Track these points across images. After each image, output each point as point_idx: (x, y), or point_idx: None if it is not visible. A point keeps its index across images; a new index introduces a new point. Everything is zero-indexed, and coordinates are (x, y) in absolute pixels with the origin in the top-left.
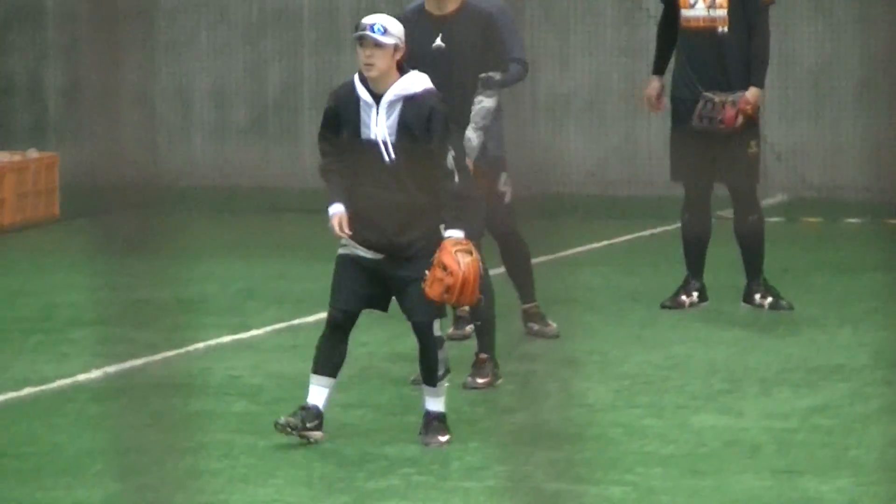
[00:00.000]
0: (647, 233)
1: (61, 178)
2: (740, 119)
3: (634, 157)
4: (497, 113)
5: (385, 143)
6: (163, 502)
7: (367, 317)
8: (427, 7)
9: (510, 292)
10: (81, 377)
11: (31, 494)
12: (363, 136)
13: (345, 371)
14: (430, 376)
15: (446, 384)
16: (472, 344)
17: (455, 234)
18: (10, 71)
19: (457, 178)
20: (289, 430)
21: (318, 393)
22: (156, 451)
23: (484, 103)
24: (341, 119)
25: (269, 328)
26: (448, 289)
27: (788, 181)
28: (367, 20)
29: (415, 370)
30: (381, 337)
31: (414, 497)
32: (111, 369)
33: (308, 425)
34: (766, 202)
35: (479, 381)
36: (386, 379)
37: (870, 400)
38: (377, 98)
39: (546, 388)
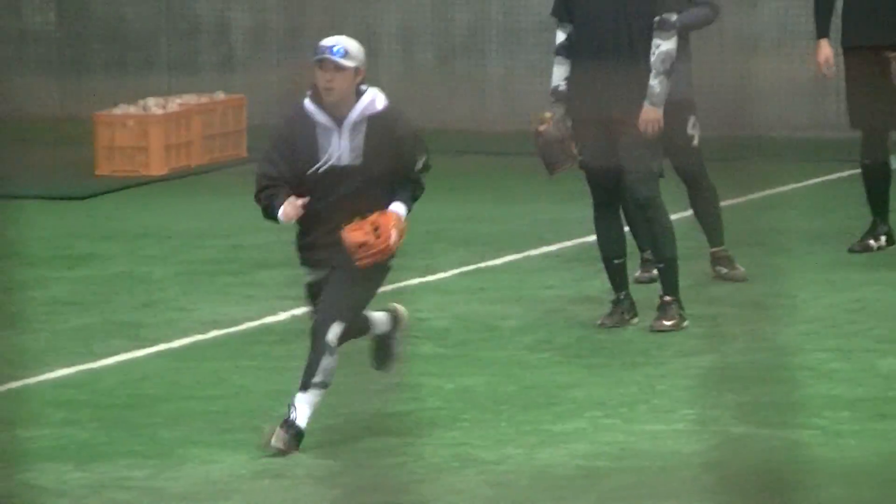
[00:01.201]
0: (834, 175)
1: (249, 120)
2: None
3: (823, 98)
4: (683, 55)
5: (350, 168)
6: (350, 443)
7: (553, 260)
8: None
9: (698, 235)
10: (268, 319)
11: (217, 436)
12: (322, 161)
13: (531, 313)
14: (305, 378)
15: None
16: (657, 287)
17: (402, 210)
18: (197, 12)
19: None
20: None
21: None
22: (343, 393)
23: (662, 47)
24: (296, 146)
25: (455, 270)
26: (365, 245)
27: None
28: (327, 42)
29: (601, 313)
30: (568, 279)
31: (601, 440)
32: (298, 311)
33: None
34: None
35: (666, 322)
36: (573, 321)
37: None
38: (338, 121)
39: (733, 331)
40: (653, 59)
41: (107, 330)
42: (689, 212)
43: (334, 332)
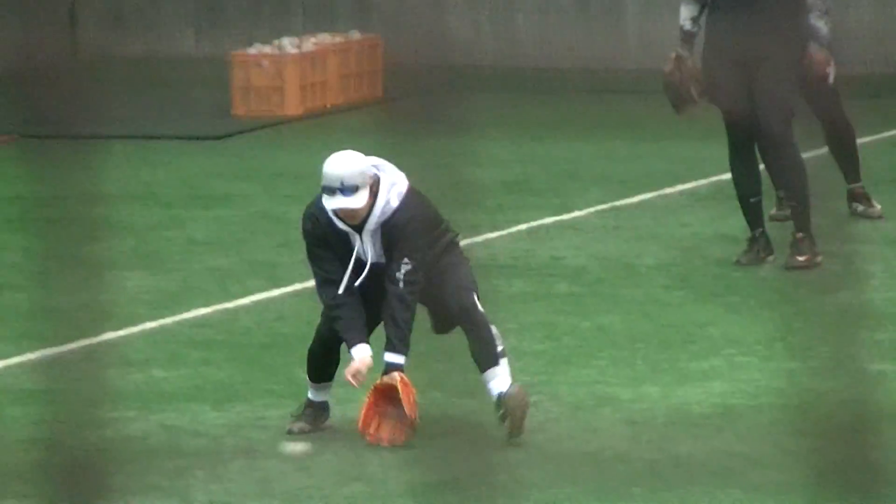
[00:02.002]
0: None
1: (385, 60)
2: None
3: None
4: None
5: (376, 265)
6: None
7: (688, 198)
8: None
9: (835, 173)
10: None
11: None
12: (359, 256)
13: (667, 252)
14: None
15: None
16: (791, 225)
17: (394, 359)
18: None
19: (407, 294)
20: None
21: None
22: None
23: None
24: (329, 242)
25: (591, 209)
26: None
27: None
28: (331, 174)
29: (737, 251)
30: (704, 217)
31: (737, 378)
32: None
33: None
34: None
35: (799, 258)
36: (709, 260)
37: None
38: (358, 229)
39: (870, 269)
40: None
41: (243, 270)
42: (825, 149)
43: (477, 301)
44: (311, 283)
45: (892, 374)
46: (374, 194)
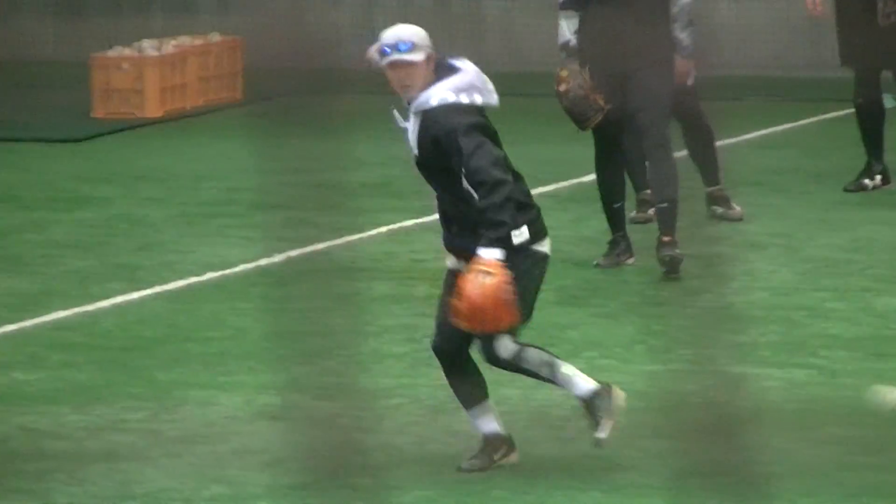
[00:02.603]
0: (831, 115)
1: (245, 62)
2: None
3: (819, 39)
4: None
5: (415, 158)
6: (346, 385)
7: (550, 200)
8: None
9: (694, 175)
10: (265, 261)
11: (215, 378)
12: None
13: None
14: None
15: (565, 371)
16: (655, 227)
17: (485, 253)
18: None
19: (491, 189)
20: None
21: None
22: (339, 335)
23: (683, 0)
24: None
25: None
26: (464, 316)
27: None
28: (389, 39)
29: (598, 253)
30: (565, 220)
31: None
32: (294, 253)
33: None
34: None
35: (677, 251)
36: (570, 262)
37: None
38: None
39: (730, 271)
40: (675, 10)
41: (104, 272)
42: (684, 152)
43: (504, 346)
44: (172, 285)
45: (752, 376)
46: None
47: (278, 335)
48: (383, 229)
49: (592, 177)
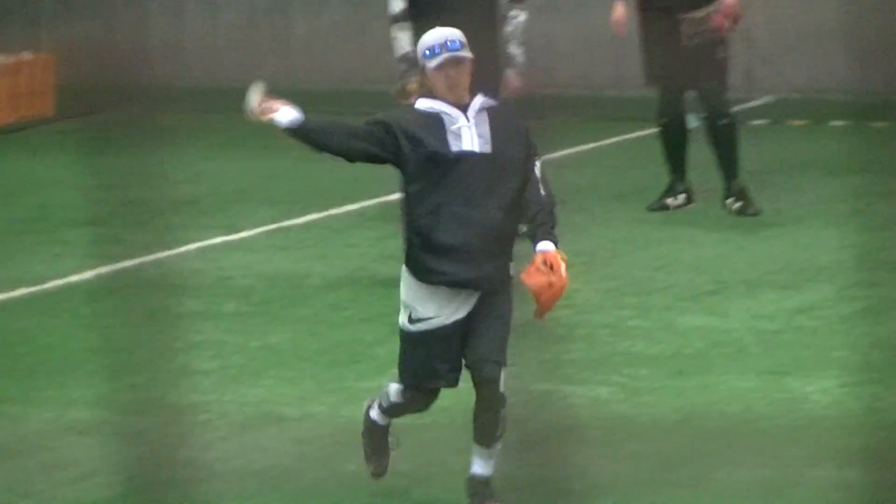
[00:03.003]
0: (634, 134)
1: (56, 79)
2: (729, 23)
3: (623, 58)
4: None
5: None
6: (155, 401)
7: (356, 218)
8: None
9: None
10: (75, 277)
11: (25, 393)
12: (454, 149)
13: (335, 272)
14: (486, 435)
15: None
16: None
17: (550, 247)
18: None
19: (546, 188)
20: None
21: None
22: (148, 351)
23: (520, 18)
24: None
25: (260, 229)
26: (550, 285)
27: (773, 84)
28: (436, 40)
29: None
30: (371, 237)
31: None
32: (104, 269)
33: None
34: (751, 104)
35: None
36: (376, 280)
37: (854, 301)
38: (462, 108)
39: None
40: (510, 29)
41: None
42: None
43: (503, 379)
44: None
45: (556, 393)
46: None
47: (88, 351)
48: (192, 246)
49: (398, 195)
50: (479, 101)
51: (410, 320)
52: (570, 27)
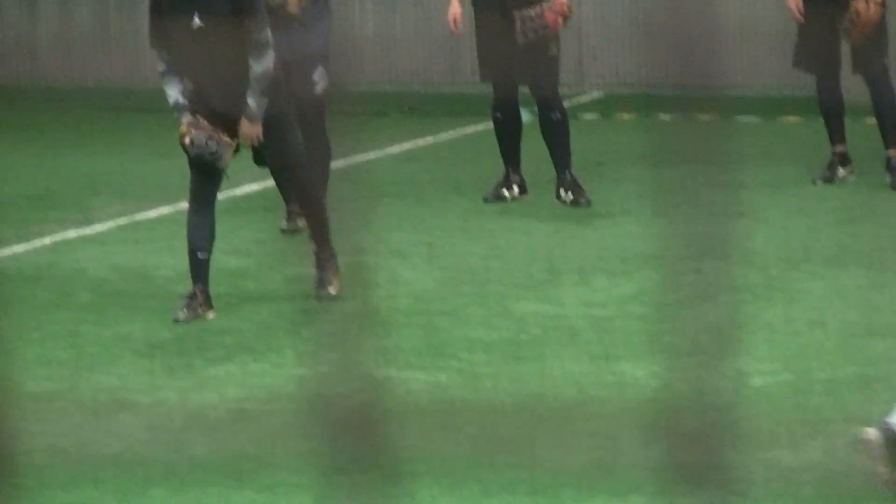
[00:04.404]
0: (470, 129)
1: None
2: (561, 20)
3: (459, 54)
4: (325, 12)
5: None
6: (12, 389)
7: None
8: None
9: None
10: None
11: None
12: None
13: (184, 264)
14: None
15: None
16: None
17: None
18: None
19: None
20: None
21: None
22: (5, 341)
23: (255, 69)
24: None
25: (112, 223)
26: None
27: (603, 78)
28: None
29: (245, 263)
30: (218, 231)
31: (251, 383)
32: None
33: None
34: (581, 99)
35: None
36: (220, 270)
37: (682, 288)
38: None
39: (374, 278)
40: (249, 77)
41: None
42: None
43: None
44: None
45: (396, 379)
46: None
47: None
48: (46, 240)
49: (241, 189)
50: None
51: None
52: (405, 22)
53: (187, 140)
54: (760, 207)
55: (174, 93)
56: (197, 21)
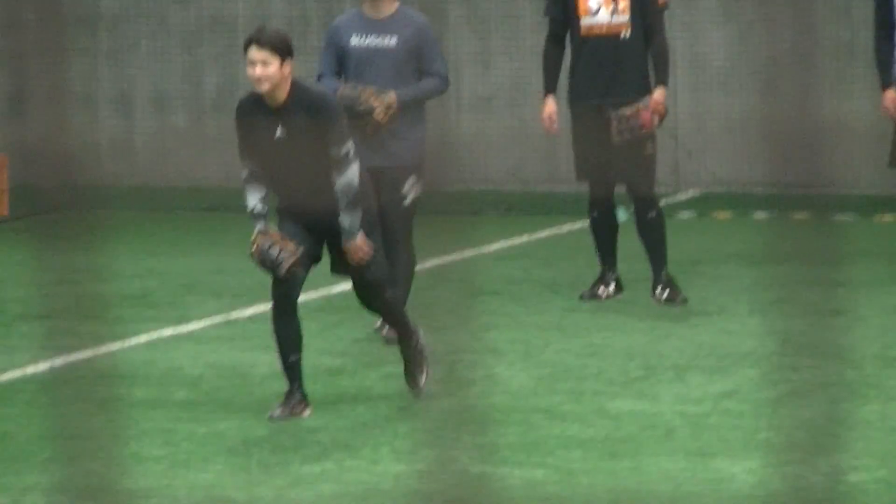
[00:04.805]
0: (566, 228)
1: (10, 180)
2: (656, 119)
3: (554, 154)
4: (418, 120)
5: None
6: (108, 486)
7: (301, 310)
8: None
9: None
10: (30, 369)
11: None
12: None
13: (278, 361)
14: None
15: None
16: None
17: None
18: None
19: None
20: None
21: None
22: (101, 438)
23: (338, 184)
24: None
25: (208, 321)
26: None
27: (699, 177)
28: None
29: (343, 363)
30: (313, 329)
31: (346, 480)
32: (58, 361)
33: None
34: (677, 197)
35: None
36: (319, 369)
37: (778, 385)
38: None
39: (471, 376)
40: (335, 192)
41: None
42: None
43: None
44: None
45: (493, 475)
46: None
47: (43, 439)
48: (142, 338)
49: (337, 287)
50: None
51: None
52: (501, 124)
53: (253, 248)
54: (856, 306)
55: (252, 201)
56: (279, 132)
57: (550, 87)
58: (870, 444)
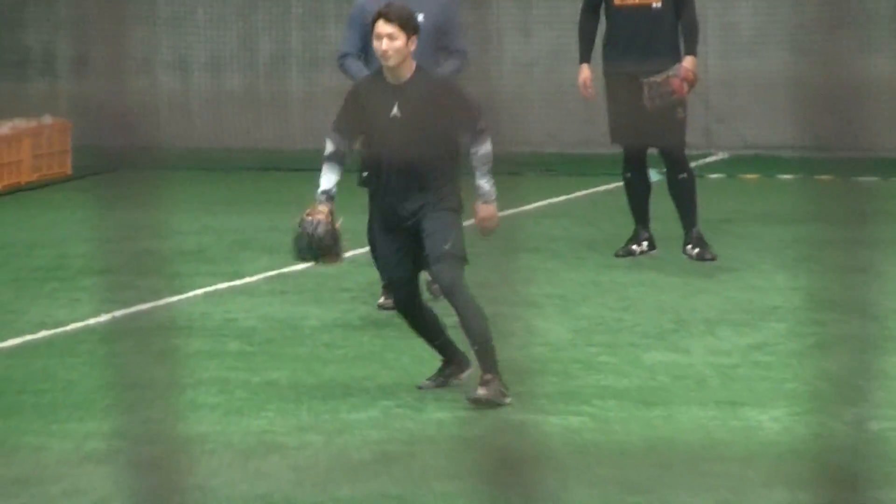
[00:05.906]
0: (602, 188)
1: (73, 141)
2: (686, 86)
3: (590, 119)
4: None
5: None
6: (165, 433)
7: (348, 265)
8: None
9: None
10: (92, 321)
11: (47, 427)
12: None
13: (329, 314)
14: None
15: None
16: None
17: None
18: (26, 44)
19: None
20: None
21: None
22: (159, 387)
23: (479, 151)
24: None
25: (261, 276)
26: None
27: (729, 140)
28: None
29: (391, 312)
30: (363, 282)
31: (392, 427)
32: (119, 313)
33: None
34: (708, 160)
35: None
36: (367, 321)
37: (804, 338)
38: None
39: (510, 328)
40: (474, 161)
41: None
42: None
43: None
44: (8, 343)
45: (531, 423)
46: None
47: (104, 387)
48: (199, 292)
49: None
50: None
51: None
52: (542, 89)
53: (299, 219)
54: (878, 263)
55: (325, 182)
56: (395, 110)
57: (586, 56)
58: (890, 395)
